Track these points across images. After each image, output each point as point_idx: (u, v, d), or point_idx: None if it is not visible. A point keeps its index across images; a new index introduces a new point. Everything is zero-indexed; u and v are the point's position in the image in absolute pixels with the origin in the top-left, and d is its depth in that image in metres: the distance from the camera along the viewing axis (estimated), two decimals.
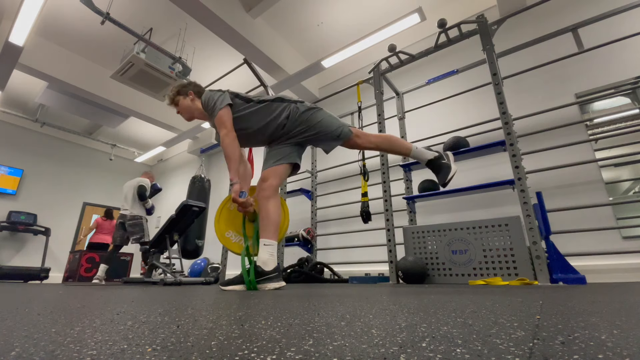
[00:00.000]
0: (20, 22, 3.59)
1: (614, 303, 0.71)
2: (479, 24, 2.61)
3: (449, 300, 0.84)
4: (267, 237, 1.62)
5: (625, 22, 2.69)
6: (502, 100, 2.31)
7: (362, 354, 0.29)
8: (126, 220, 3.91)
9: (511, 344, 0.32)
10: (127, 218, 3.92)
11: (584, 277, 1.84)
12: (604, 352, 0.28)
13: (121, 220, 3.95)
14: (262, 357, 0.28)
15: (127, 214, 3.94)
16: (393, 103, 3.83)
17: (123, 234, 3.94)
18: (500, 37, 2.98)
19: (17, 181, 6.37)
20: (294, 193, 4.15)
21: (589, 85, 2.81)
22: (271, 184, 1.69)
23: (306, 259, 3.29)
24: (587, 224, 2.48)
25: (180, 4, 3.43)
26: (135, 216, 3.93)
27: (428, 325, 0.44)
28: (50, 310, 0.68)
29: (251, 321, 0.50)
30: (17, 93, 5.85)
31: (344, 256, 3.91)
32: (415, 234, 2.47)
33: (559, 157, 2.70)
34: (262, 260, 1.58)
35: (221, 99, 1.75)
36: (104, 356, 0.29)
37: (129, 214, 3.94)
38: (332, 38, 4.57)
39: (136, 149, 8.04)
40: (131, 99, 5.55)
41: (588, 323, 0.44)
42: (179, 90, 1.94)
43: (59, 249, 6.60)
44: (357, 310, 0.63)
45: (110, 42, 4.68)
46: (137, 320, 0.52)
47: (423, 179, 2.96)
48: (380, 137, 1.84)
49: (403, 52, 3.04)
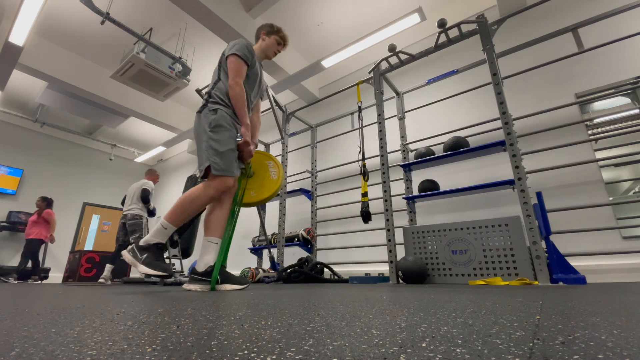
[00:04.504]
0: (20, 22, 3.59)
1: (614, 303, 0.71)
2: (479, 24, 2.61)
3: (449, 300, 0.84)
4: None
5: (625, 22, 2.68)
6: (502, 100, 2.31)
7: (362, 354, 0.29)
8: (127, 220, 4.06)
9: (511, 344, 0.32)
10: (128, 218, 4.06)
11: (584, 277, 1.84)
12: (604, 352, 0.28)
13: (123, 220, 4.10)
14: (262, 357, 0.28)
15: (128, 214, 4.09)
16: (393, 103, 3.83)
17: (125, 233, 4.07)
18: (500, 37, 2.98)
19: (17, 181, 6.37)
20: (294, 193, 4.15)
21: (589, 85, 2.81)
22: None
23: (306, 259, 3.28)
24: (587, 224, 2.48)
25: (180, 4, 3.43)
26: (135, 215, 4.06)
27: (428, 325, 0.44)
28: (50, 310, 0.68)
29: (251, 321, 0.50)
30: (17, 93, 5.85)
31: (344, 256, 3.91)
32: (415, 234, 2.47)
33: (559, 157, 2.70)
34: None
35: (246, 49, 1.82)
36: (104, 356, 0.29)
37: (130, 213, 4.07)
38: (332, 38, 4.57)
39: (136, 149, 8.04)
40: (131, 99, 5.56)
41: (588, 323, 0.44)
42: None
43: (58, 249, 6.60)
44: (357, 310, 0.63)
45: (110, 42, 4.68)
46: (137, 320, 0.52)
47: (423, 179, 2.96)
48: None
49: (403, 52, 3.04)
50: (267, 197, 2.02)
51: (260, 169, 2.09)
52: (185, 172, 7.40)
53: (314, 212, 4.13)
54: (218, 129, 1.68)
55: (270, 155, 2.16)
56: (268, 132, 5.37)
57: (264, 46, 2.03)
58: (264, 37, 2.04)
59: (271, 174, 2.08)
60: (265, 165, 2.11)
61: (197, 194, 1.63)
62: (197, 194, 1.63)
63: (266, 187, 2.04)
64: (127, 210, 4.12)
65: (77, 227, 7.17)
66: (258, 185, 2.04)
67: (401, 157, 3.37)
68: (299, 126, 4.78)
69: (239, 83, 1.76)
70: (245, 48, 1.83)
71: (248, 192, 2.02)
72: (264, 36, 2.04)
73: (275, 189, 2.02)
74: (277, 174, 2.06)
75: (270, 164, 2.11)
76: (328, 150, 4.60)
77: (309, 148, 4.53)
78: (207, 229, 1.67)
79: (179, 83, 4.13)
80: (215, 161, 1.63)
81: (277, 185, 2.02)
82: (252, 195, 2.02)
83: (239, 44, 1.82)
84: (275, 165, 2.11)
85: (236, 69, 1.76)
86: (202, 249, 1.64)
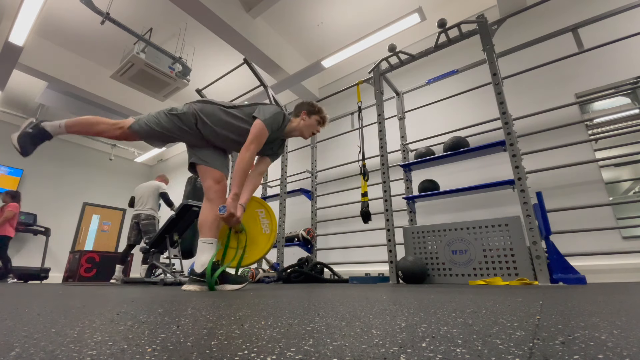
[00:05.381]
0: (20, 22, 3.59)
1: (614, 303, 0.71)
2: (479, 24, 2.61)
3: (449, 300, 0.84)
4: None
5: (625, 22, 2.69)
6: (502, 100, 2.31)
7: (362, 354, 0.29)
8: (140, 220, 4.10)
9: (511, 344, 0.32)
10: (142, 218, 4.10)
11: (584, 277, 1.84)
12: (604, 352, 0.28)
13: (135, 220, 4.13)
14: (262, 357, 0.28)
15: (141, 214, 4.12)
16: (393, 103, 3.83)
17: (137, 233, 4.11)
18: (500, 37, 2.98)
19: (17, 181, 6.37)
20: (294, 193, 4.15)
21: (589, 85, 2.81)
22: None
23: (306, 259, 3.28)
24: (587, 224, 2.48)
25: (180, 4, 3.43)
26: (149, 215, 4.12)
27: (428, 325, 0.44)
28: (50, 310, 0.68)
29: (251, 321, 0.50)
30: (17, 93, 5.85)
31: (344, 256, 3.91)
32: (415, 234, 2.47)
33: (559, 157, 2.70)
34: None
35: (275, 122, 1.78)
36: (104, 356, 0.29)
37: (144, 214, 4.11)
38: (332, 38, 4.57)
39: (136, 149, 8.04)
40: (131, 99, 5.56)
41: (588, 323, 0.44)
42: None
43: (58, 249, 6.60)
44: (357, 310, 0.63)
45: (110, 42, 4.68)
46: (137, 320, 0.52)
47: (423, 179, 2.96)
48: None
49: (403, 52, 3.04)
50: (259, 258, 1.86)
51: (250, 221, 1.88)
52: (185, 172, 7.40)
53: (314, 212, 4.13)
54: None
55: (261, 202, 1.96)
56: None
57: (302, 125, 1.91)
58: (304, 116, 1.92)
59: (263, 226, 1.88)
60: (255, 215, 1.91)
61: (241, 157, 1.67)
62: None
63: (258, 245, 1.85)
64: (139, 210, 4.15)
65: (77, 227, 7.17)
66: (249, 243, 1.83)
67: (401, 157, 3.37)
68: None
69: (252, 151, 1.67)
70: (275, 120, 1.76)
71: (234, 250, 1.83)
72: (305, 116, 1.92)
73: (268, 247, 1.83)
74: (269, 225, 1.88)
75: (261, 213, 1.92)
76: (328, 150, 4.60)
77: (309, 148, 4.53)
78: (201, 230, 1.68)
79: (179, 83, 4.13)
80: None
81: (270, 242, 1.84)
82: (245, 257, 1.82)
83: (274, 113, 1.76)
84: (267, 214, 1.91)
85: (257, 134, 1.68)
86: (198, 250, 1.65)
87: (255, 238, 1.85)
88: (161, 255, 3.77)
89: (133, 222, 4.15)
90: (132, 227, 4.16)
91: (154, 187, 4.32)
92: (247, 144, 1.67)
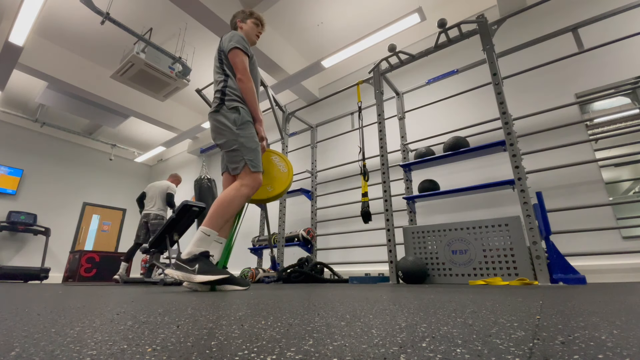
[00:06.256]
0: (20, 22, 3.59)
1: (614, 303, 0.71)
2: (479, 24, 2.61)
3: (449, 300, 0.84)
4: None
5: (625, 22, 2.68)
6: (502, 100, 2.31)
7: (362, 354, 0.29)
8: (150, 220, 4.12)
9: (511, 344, 0.32)
10: (151, 217, 4.13)
11: (584, 277, 1.84)
12: (604, 352, 0.28)
13: (145, 219, 4.17)
14: (262, 357, 0.28)
15: (151, 214, 4.15)
16: (393, 103, 3.83)
17: (146, 232, 4.14)
18: (500, 37, 2.98)
19: (17, 181, 6.37)
20: (294, 193, 4.15)
21: (589, 85, 2.81)
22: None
23: (306, 259, 3.28)
24: (587, 224, 2.48)
25: (180, 4, 3.43)
26: (158, 215, 4.15)
27: (428, 325, 0.44)
28: (50, 310, 0.68)
29: (251, 321, 0.50)
30: (17, 93, 5.85)
31: (344, 256, 3.91)
32: (415, 234, 2.47)
33: (559, 157, 2.70)
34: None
35: (244, 41, 1.78)
36: (104, 356, 0.29)
37: (153, 213, 4.15)
38: (332, 38, 4.57)
39: (136, 149, 8.04)
40: (131, 99, 5.56)
41: (588, 323, 0.44)
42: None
43: (58, 249, 6.60)
44: (357, 310, 0.63)
45: (110, 42, 4.68)
46: (137, 320, 0.52)
47: (423, 179, 2.96)
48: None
49: (403, 52, 3.04)
50: (284, 190, 2.04)
51: (268, 165, 2.09)
52: (186, 172, 7.41)
53: (314, 212, 4.13)
54: (245, 126, 1.68)
55: (273, 150, 2.17)
56: (268, 132, 5.36)
57: (244, 33, 1.93)
58: (240, 24, 1.96)
59: (280, 167, 2.09)
60: (271, 160, 2.12)
61: (232, 196, 1.58)
62: (232, 196, 1.58)
63: (279, 180, 2.06)
64: (149, 209, 4.18)
65: (77, 227, 7.17)
66: (270, 181, 2.05)
67: (401, 157, 3.37)
68: (299, 126, 4.78)
69: (249, 76, 1.73)
70: (243, 40, 1.79)
71: (264, 187, 2.02)
72: (241, 23, 1.96)
73: (289, 181, 2.04)
74: (285, 167, 2.09)
75: (275, 158, 2.13)
76: (328, 150, 4.60)
77: (309, 148, 4.53)
78: (211, 218, 1.56)
79: (179, 83, 4.13)
80: (250, 158, 1.63)
81: (289, 178, 2.05)
82: (269, 191, 2.03)
83: (236, 37, 1.78)
84: (281, 159, 2.12)
85: (241, 62, 1.73)
86: (198, 239, 1.52)
87: (275, 177, 2.08)
88: (161, 255, 3.78)
89: (142, 221, 4.17)
90: (141, 226, 4.18)
91: (163, 187, 4.35)
92: (240, 74, 1.72)
